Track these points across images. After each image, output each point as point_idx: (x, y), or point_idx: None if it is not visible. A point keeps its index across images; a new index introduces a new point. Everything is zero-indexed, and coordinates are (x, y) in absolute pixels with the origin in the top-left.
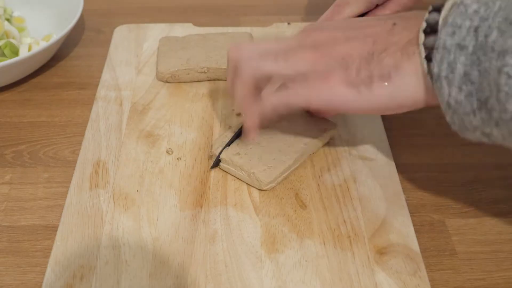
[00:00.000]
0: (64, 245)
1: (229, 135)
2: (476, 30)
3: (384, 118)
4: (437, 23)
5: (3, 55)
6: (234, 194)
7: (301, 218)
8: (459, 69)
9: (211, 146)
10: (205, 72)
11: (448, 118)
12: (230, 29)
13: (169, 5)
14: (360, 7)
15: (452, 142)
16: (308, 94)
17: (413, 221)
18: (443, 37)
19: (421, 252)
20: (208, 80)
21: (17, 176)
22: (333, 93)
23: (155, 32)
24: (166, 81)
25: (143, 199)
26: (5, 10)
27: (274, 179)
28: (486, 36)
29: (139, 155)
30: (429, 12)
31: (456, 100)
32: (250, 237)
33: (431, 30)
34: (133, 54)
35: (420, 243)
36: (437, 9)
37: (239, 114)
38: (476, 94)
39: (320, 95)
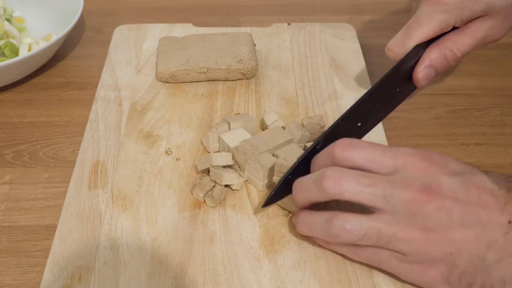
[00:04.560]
0: (63, 245)
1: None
2: None
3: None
4: None
5: (3, 55)
6: (232, 195)
7: None
8: None
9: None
10: (204, 73)
11: None
12: (230, 29)
13: (169, 5)
14: (434, 29)
15: (452, 142)
16: (398, 271)
17: None
18: None
19: None
20: (208, 81)
21: (17, 176)
22: (427, 284)
23: (155, 32)
24: (166, 81)
25: (142, 200)
26: (5, 10)
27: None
28: None
29: (138, 155)
30: None
31: None
32: (248, 238)
33: None
34: (133, 54)
35: None
36: None
37: (238, 114)
38: None
39: (412, 279)
